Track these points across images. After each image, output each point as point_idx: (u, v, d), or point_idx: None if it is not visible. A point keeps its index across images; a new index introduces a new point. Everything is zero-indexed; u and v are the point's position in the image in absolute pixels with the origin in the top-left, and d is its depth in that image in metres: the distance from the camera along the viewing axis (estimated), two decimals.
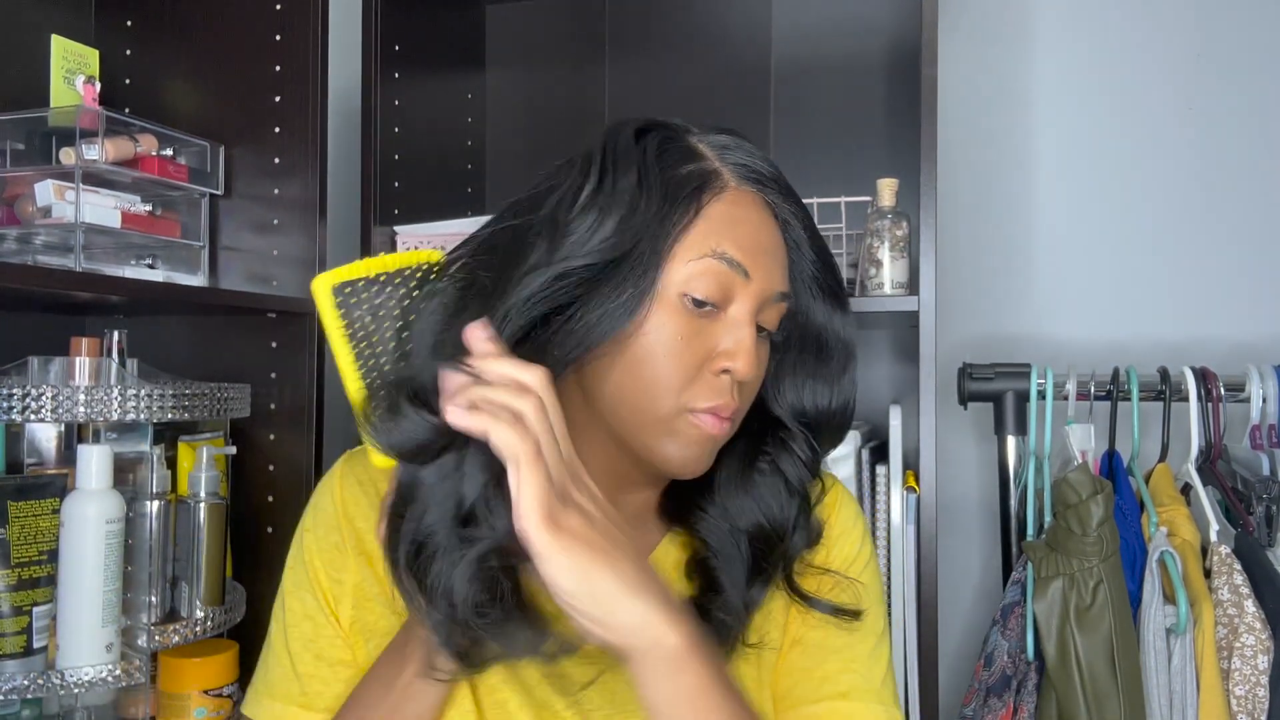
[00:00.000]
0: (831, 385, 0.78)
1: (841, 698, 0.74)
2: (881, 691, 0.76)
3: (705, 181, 0.70)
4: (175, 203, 1.34)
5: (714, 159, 0.72)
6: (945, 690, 1.60)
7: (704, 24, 1.72)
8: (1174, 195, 1.64)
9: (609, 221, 0.67)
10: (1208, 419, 1.31)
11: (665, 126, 0.73)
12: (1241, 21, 1.62)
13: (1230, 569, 1.19)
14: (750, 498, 0.76)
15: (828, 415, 0.78)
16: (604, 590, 0.59)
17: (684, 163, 0.71)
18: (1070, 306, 1.67)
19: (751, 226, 0.71)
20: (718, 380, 0.70)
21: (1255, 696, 1.15)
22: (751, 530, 0.76)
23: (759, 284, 0.70)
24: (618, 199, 0.68)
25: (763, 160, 0.74)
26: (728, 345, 0.70)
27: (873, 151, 1.62)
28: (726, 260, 0.69)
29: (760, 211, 0.72)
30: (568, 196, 0.69)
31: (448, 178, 1.71)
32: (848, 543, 0.80)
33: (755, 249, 0.70)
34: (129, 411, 1.09)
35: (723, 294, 0.70)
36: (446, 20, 1.68)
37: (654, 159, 0.70)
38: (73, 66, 1.30)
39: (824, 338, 0.77)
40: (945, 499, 1.61)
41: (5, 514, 1.05)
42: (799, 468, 0.78)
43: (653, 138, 0.72)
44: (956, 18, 1.68)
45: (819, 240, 0.77)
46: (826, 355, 0.78)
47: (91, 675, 1.05)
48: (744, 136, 0.75)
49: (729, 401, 0.71)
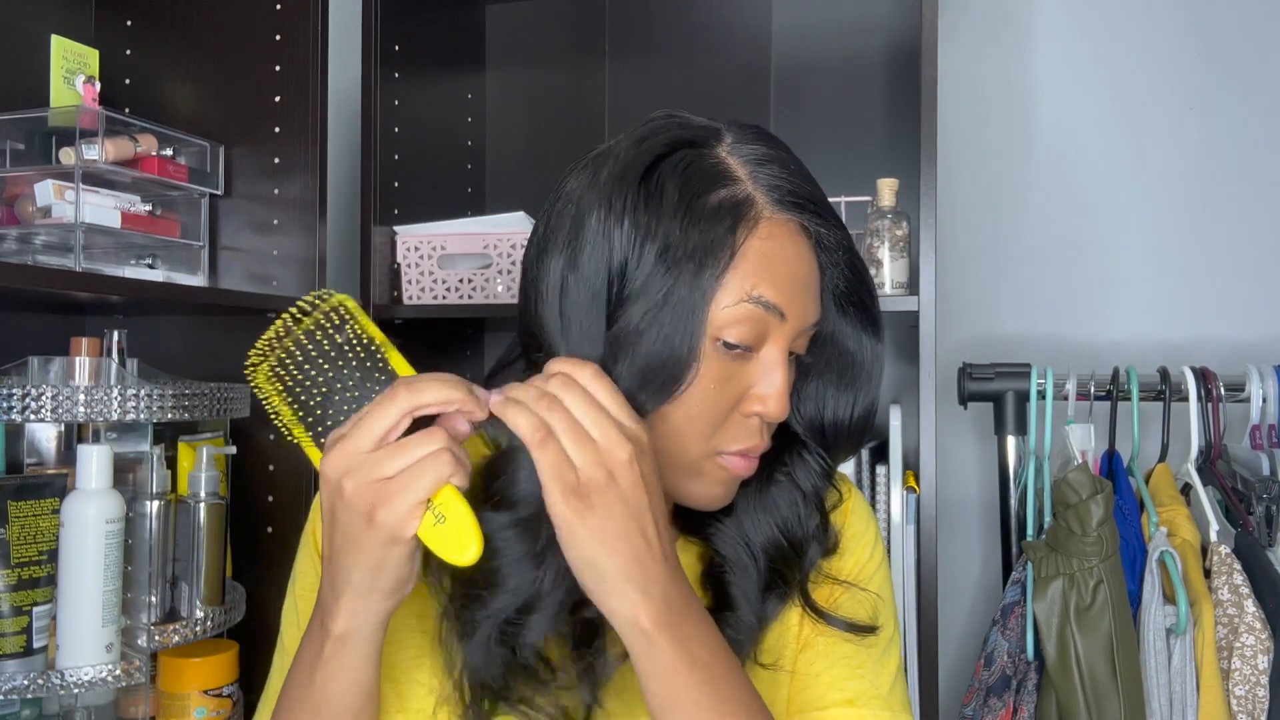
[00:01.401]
0: (853, 399, 0.76)
1: (848, 704, 0.73)
2: (890, 698, 0.75)
3: (739, 215, 0.66)
4: (175, 203, 1.34)
5: (746, 180, 0.67)
6: (945, 690, 1.60)
7: (704, 24, 1.72)
8: (1174, 195, 1.64)
9: (646, 271, 0.65)
10: (1208, 419, 1.31)
11: (690, 144, 0.68)
12: (1241, 21, 1.62)
13: (1230, 569, 1.19)
14: (767, 511, 0.75)
15: (846, 429, 0.77)
16: (609, 570, 0.60)
17: (713, 186, 0.66)
18: (1070, 306, 1.67)
19: (787, 262, 0.67)
20: (748, 423, 0.69)
21: (1255, 696, 1.15)
22: (767, 544, 0.75)
23: (794, 322, 0.68)
24: (649, 245, 0.65)
25: (797, 175, 0.70)
26: (761, 390, 0.68)
27: (873, 151, 1.62)
28: (763, 304, 0.66)
29: (796, 241, 0.68)
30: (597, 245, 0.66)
31: (448, 178, 1.71)
32: (860, 548, 0.79)
33: (791, 286, 0.67)
34: (129, 411, 1.09)
35: (757, 337, 0.67)
36: (446, 20, 1.68)
37: (682, 193, 0.66)
38: (73, 66, 1.30)
39: (849, 352, 0.75)
40: (945, 499, 1.61)
41: (5, 514, 1.05)
42: (816, 479, 0.76)
43: (679, 159, 0.67)
44: (956, 18, 1.68)
45: (853, 255, 0.73)
46: (851, 370, 0.76)
47: (91, 675, 1.05)
48: (773, 138, 0.71)
49: (759, 444, 0.70)
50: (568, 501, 0.59)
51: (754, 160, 0.68)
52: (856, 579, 0.78)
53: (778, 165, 0.69)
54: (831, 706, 0.73)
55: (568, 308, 0.66)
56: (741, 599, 0.72)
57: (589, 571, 0.61)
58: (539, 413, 0.60)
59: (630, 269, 0.65)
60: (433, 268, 1.46)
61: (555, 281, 0.67)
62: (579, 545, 0.60)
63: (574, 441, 0.60)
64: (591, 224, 0.66)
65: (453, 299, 1.46)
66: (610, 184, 0.67)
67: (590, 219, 0.66)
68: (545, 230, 0.70)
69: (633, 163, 0.67)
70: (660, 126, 0.69)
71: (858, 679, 0.74)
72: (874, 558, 0.80)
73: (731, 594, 0.73)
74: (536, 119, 1.80)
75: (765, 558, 0.74)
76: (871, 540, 0.80)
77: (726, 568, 0.73)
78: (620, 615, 0.61)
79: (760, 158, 0.69)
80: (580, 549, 0.60)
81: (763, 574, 0.74)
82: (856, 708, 0.73)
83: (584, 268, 0.66)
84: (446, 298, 1.46)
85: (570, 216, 0.68)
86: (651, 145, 0.67)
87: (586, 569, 0.61)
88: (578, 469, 0.59)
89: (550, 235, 0.69)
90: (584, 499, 0.59)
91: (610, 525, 0.59)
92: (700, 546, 0.76)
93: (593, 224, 0.66)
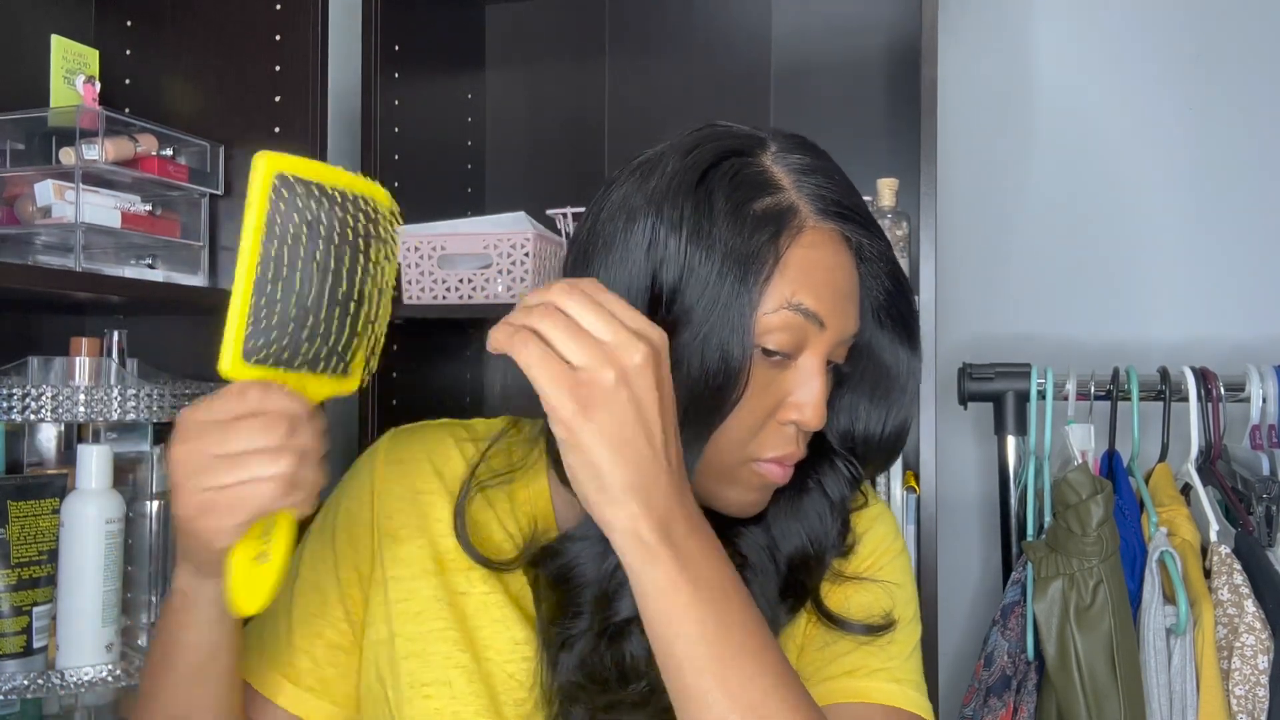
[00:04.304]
0: (885, 413, 0.75)
1: (847, 675, 0.72)
2: (898, 669, 0.73)
3: (783, 223, 0.66)
4: (175, 203, 1.34)
5: (790, 189, 0.68)
6: (945, 690, 1.60)
7: (704, 24, 1.72)
8: (1173, 195, 1.64)
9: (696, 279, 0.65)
10: (1208, 419, 1.31)
11: (737, 153, 0.68)
12: (1240, 22, 1.62)
13: (1230, 569, 1.19)
14: (798, 519, 0.75)
15: (878, 443, 0.76)
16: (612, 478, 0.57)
17: (758, 194, 0.67)
18: (1070, 306, 1.67)
19: (828, 270, 0.68)
20: (784, 430, 0.69)
21: (1255, 696, 1.15)
22: (794, 553, 0.74)
23: (833, 333, 0.68)
24: (699, 253, 0.65)
25: (841, 185, 0.70)
26: (799, 398, 0.68)
27: (873, 151, 1.62)
28: (803, 312, 0.66)
29: (837, 251, 0.69)
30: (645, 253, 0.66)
31: (448, 178, 1.71)
32: (872, 539, 0.78)
33: (832, 295, 0.67)
34: (129, 411, 1.09)
35: (796, 345, 0.67)
36: (446, 20, 1.68)
37: (730, 201, 0.66)
38: (73, 66, 1.30)
39: (885, 365, 0.75)
40: (945, 499, 1.61)
41: (5, 514, 1.05)
42: (844, 487, 0.76)
43: (728, 168, 0.67)
44: (956, 18, 1.68)
45: (894, 267, 0.74)
46: (885, 383, 0.75)
47: (91, 675, 1.05)
48: (816, 148, 0.71)
49: (795, 451, 0.69)
50: (567, 403, 0.56)
51: (798, 169, 0.69)
52: (868, 573, 0.77)
53: (822, 175, 0.69)
54: (831, 678, 0.72)
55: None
56: (761, 600, 0.71)
57: (589, 477, 0.58)
58: (530, 323, 0.58)
59: (680, 277, 0.65)
60: (433, 268, 1.46)
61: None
62: (581, 449, 0.57)
63: (572, 340, 0.57)
64: (640, 232, 0.66)
65: (453, 299, 1.45)
66: (660, 193, 0.67)
67: (638, 227, 0.66)
68: (589, 235, 0.70)
69: (684, 172, 0.67)
70: (708, 135, 0.69)
71: (863, 651, 0.73)
72: (890, 550, 0.79)
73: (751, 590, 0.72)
74: (536, 119, 1.80)
75: (787, 565, 0.74)
76: (884, 533, 0.79)
77: (747, 569, 0.73)
78: (619, 527, 0.58)
79: (805, 167, 0.69)
80: (583, 453, 0.57)
81: (782, 580, 0.73)
82: (856, 679, 0.72)
83: (632, 274, 0.66)
84: (446, 298, 1.46)
85: (619, 224, 0.67)
86: (701, 154, 0.68)
87: (588, 474, 0.58)
88: (578, 368, 0.57)
89: (594, 241, 0.69)
90: (588, 399, 0.57)
91: (618, 430, 0.57)
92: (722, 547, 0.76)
93: (642, 232, 0.66)
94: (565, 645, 0.68)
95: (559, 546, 0.70)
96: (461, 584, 0.75)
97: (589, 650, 0.67)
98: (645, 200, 0.67)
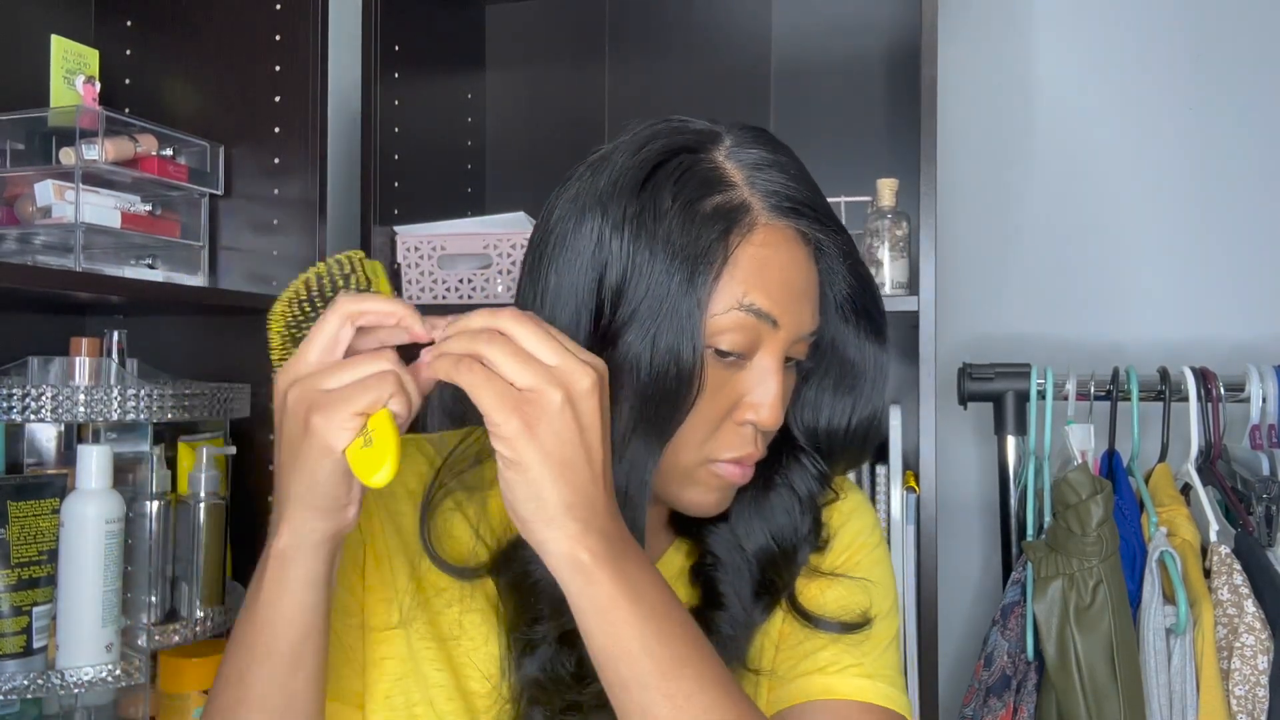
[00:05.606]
0: (851, 407, 0.75)
1: (819, 672, 0.71)
2: (871, 665, 0.72)
3: (732, 221, 0.65)
4: (175, 203, 1.34)
5: (742, 185, 0.66)
6: (945, 690, 1.60)
7: (704, 24, 1.72)
8: (1173, 195, 1.64)
9: (641, 280, 0.64)
10: (1208, 419, 1.31)
11: (688, 150, 0.67)
12: (1240, 22, 1.62)
13: (1230, 569, 1.19)
14: (762, 518, 0.74)
15: (843, 437, 0.75)
16: (551, 500, 0.57)
17: (708, 192, 0.65)
18: (1070, 306, 1.67)
19: (781, 269, 0.66)
20: (742, 430, 0.68)
21: (1255, 696, 1.15)
22: (760, 550, 0.74)
23: (788, 331, 0.67)
24: (644, 253, 0.64)
25: (797, 180, 0.68)
26: (755, 398, 0.67)
27: (873, 151, 1.62)
28: (755, 312, 0.65)
29: (792, 248, 0.67)
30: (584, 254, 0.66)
31: (448, 178, 1.71)
32: (846, 534, 0.78)
33: (785, 294, 0.66)
34: (129, 411, 1.09)
35: (750, 345, 0.66)
36: (446, 20, 1.68)
37: (677, 200, 0.65)
38: (73, 66, 1.30)
39: (849, 360, 0.74)
40: (945, 499, 1.61)
41: (5, 514, 1.05)
42: (811, 483, 0.76)
43: (676, 166, 0.66)
44: (956, 18, 1.68)
45: (855, 262, 0.72)
46: (850, 377, 0.74)
47: (91, 675, 1.05)
48: (775, 141, 0.70)
49: (753, 452, 0.69)
50: (511, 420, 0.56)
51: (752, 165, 0.67)
52: (844, 567, 0.76)
53: (776, 170, 0.67)
54: (804, 675, 0.71)
55: (561, 315, 0.66)
56: (734, 598, 0.71)
57: (528, 497, 0.57)
58: (474, 350, 0.58)
59: (625, 278, 0.64)
60: (433, 268, 1.46)
61: (550, 288, 0.67)
62: (521, 467, 0.56)
63: (519, 363, 0.57)
64: (587, 232, 0.66)
65: (453, 299, 1.46)
66: (607, 191, 0.66)
67: (586, 226, 0.66)
68: (542, 237, 0.69)
69: (632, 169, 0.66)
70: (658, 131, 0.68)
71: (836, 647, 0.72)
72: (865, 544, 0.78)
73: (722, 592, 0.72)
74: (536, 119, 1.80)
75: (757, 563, 0.73)
76: (859, 528, 0.78)
77: (719, 567, 0.72)
78: (553, 549, 0.58)
79: (758, 162, 0.67)
80: (523, 471, 0.56)
81: (755, 578, 0.73)
82: (827, 676, 0.71)
83: (579, 275, 0.65)
84: (446, 298, 1.46)
85: (569, 224, 0.67)
86: (649, 152, 0.67)
87: (526, 494, 0.57)
88: (523, 388, 0.56)
89: (546, 242, 0.68)
90: (533, 418, 0.56)
91: (560, 450, 0.56)
92: (691, 546, 0.76)
93: (589, 232, 0.65)
94: (528, 649, 0.68)
95: (514, 553, 0.69)
96: (438, 604, 0.73)
97: (550, 654, 0.67)
98: (594, 199, 0.66)
